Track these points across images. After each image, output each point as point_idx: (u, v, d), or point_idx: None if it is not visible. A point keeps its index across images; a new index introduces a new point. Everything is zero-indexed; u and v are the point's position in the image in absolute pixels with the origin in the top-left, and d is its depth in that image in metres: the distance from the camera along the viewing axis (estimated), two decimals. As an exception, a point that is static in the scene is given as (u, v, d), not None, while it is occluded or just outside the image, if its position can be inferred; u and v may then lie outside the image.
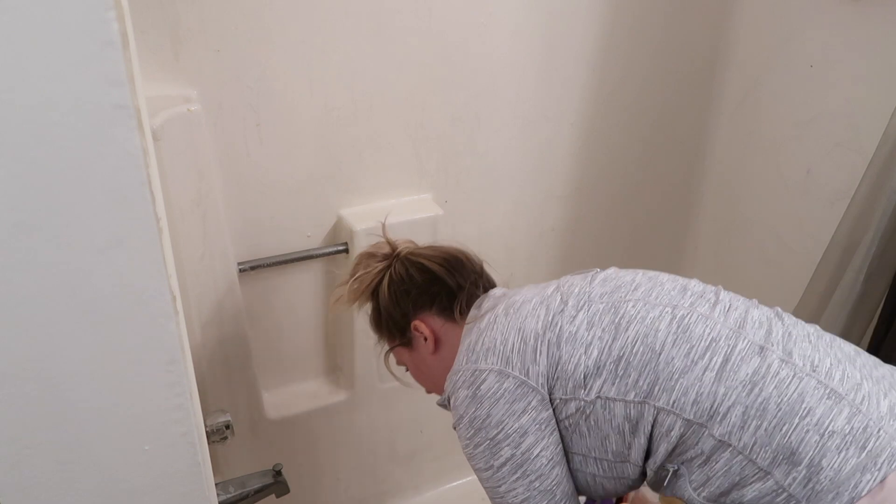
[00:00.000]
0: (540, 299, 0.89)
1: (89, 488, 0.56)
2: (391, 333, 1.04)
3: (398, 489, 1.74)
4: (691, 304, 0.84)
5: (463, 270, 1.02)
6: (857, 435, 0.73)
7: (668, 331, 0.81)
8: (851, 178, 1.29)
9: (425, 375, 1.06)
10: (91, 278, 0.47)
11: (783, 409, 0.75)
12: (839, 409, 0.74)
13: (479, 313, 0.95)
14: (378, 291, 1.02)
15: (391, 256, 1.03)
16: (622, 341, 0.81)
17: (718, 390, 0.77)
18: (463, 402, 0.86)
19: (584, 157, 1.59)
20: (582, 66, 1.47)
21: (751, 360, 0.78)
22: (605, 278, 0.91)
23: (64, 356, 0.50)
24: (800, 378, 0.76)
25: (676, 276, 0.92)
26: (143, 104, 0.55)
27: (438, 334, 1.00)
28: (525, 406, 0.83)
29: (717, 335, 0.80)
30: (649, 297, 0.85)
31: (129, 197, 0.46)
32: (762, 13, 1.53)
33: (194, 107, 1.10)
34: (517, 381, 0.83)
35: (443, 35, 1.29)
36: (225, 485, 1.09)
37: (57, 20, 0.40)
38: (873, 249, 1.21)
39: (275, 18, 1.13)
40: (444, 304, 0.99)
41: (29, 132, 0.42)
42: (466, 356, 0.88)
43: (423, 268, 1.00)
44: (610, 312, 0.84)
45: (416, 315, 1.00)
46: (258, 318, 1.36)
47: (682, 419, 0.78)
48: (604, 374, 0.81)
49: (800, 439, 0.74)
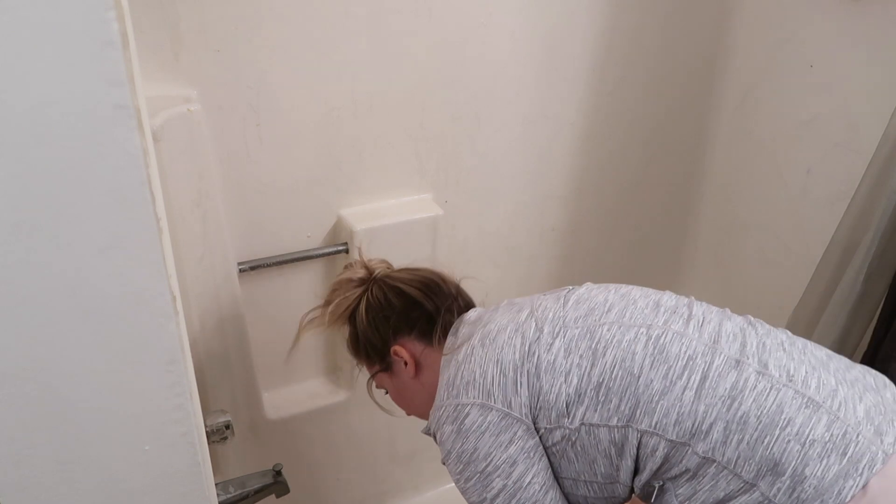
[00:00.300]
0: (515, 326, 0.88)
1: (89, 488, 0.56)
2: (370, 358, 1.04)
3: (398, 489, 1.74)
4: (665, 321, 0.85)
5: (440, 294, 1.01)
6: (836, 442, 0.74)
7: (645, 353, 0.81)
8: (851, 179, 1.29)
9: (406, 399, 1.06)
10: (91, 278, 0.47)
11: (763, 422, 0.76)
12: (818, 417, 0.75)
13: (456, 342, 0.95)
14: (355, 316, 1.02)
15: (367, 280, 1.03)
16: (600, 367, 0.81)
17: (699, 408, 0.77)
18: (449, 437, 0.86)
19: (585, 157, 1.59)
20: (582, 66, 1.47)
21: (728, 375, 0.78)
22: (578, 300, 0.90)
23: (64, 356, 0.50)
24: (777, 389, 0.77)
25: (649, 290, 0.92)
26: (143, 104, 0.55)
27: (418, 359, 1.00)
28: (511, 437, 0.83)
29: (693, 353, 0.80)
30: (623, 318, 0.85)
31: (129, 197, 0.46)
32: (762, 13, 1.53)
33: (194, 107, 1.10)
34: (500, 413, 0.83)
35: (443, 35, 1.29)
36: (225, 485, 1.09)
37: (57, 20, 0.40)
38: (873, 249, 1.21)
39: (275, 19, 1.13)
40: (422, 328, 1.00)
41: (29, 132, 0.42)
42: (447, 391, 0.89)
43: (400, 292, 1.00)
44: (586, 338, 0.84)
45: (395, 340, 1.00)
46: (258, 318, 1.36)
47: (665, 440, 0.78)
48: (585, 402, 0.81)
49: (782, 450, 0.74)
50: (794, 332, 0.90)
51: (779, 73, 1.53)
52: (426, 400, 0.98)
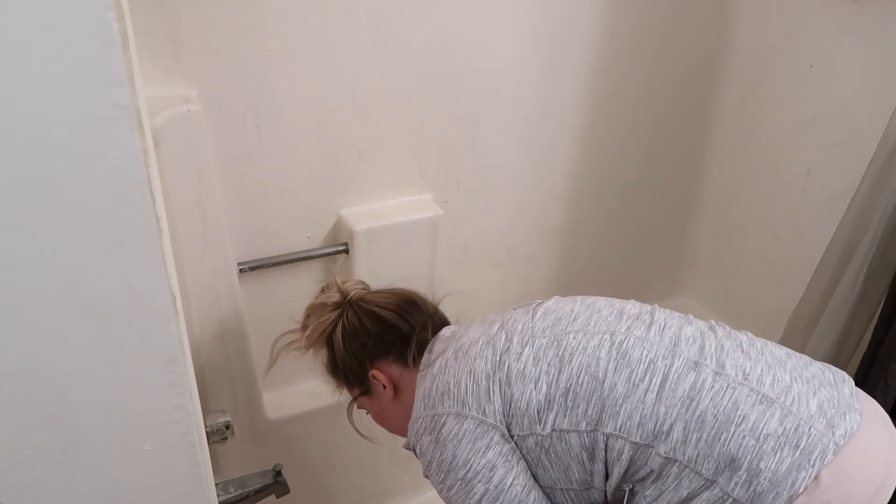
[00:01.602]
0: (486, 339, 0.91)
1: (89, 488, 0.56)
2: (349, 382, 1.06)
3: (398, 489, 1.73)
4: (628, 328, 0.87)
5: (416, 315, 1.03)
6: (789, 435, 0.77)
7: (609, 358, 0.84)
8: (851, 179, 1.29)
9: (387, 420, 1.08)
10: (91, 278, 0.47)
11: (720, 420, 0.78)
12: (771, 412, 0.78)
13: (431, 358, 0.97)
14: (332, 341, 1.04)
15: (342, 304, 1.04)
16: (567, 373, 0.84)
17: (660, 410, 0.80)
18: (428, 447, 0.88)
19: (585, 158, 1.59)
20: (582, 67, 1.47)
21: (687, 377, 0.81)
22: (545, 311, 0.93)
23: (64, 356, 0.49)
24: (733, 388, 0.80)
25: (614, 300, 0.95)
26: (143, 104, 0.55)
27: (396, 381, 1.01)
28: (488, 442, 0.85)
29: (654, 356, 0.83)
30: (588, 325, 0.88)
31: (129, 197, 0.46)
32: (762, 13, 1.53)
33: (194, 107, 1.10)
34: (475, 420, 0.86)
35: (443, 35, 1.29)
36: (225, 485, 1.09)
37: (57, 20, 0.40)
38: (873, 249, 1.21)
39: (275, 19, 1.13)
40: (399, 350, 1.01)
41: (29, 132, 0.42)
42: (423, 403, 0.91)
43: (375, 316, 1.01)
44: (553, 346, 0.87)
45: (372, 364, 1.02)
46: (258, 318, 1.36)
47: (630, 442, 0.81)
48: (555, 408, 0.84)
49: (738, 445, 0.77)
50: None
51: (779, 73, 1.53)
52: (406, 419, 0.98)
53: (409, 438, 0.94)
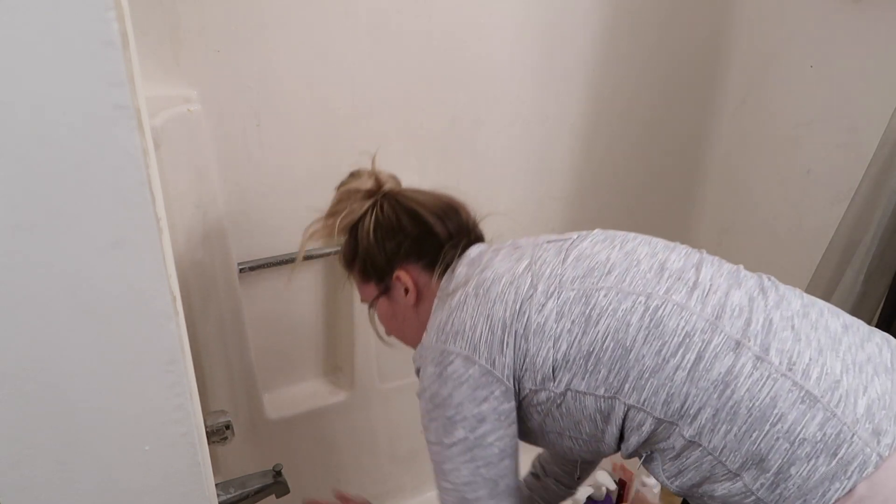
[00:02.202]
0: (510, 278, 0.84)
1: (89, 488, 0.56)
2: (366, 275, 0.98)
3: (398, 489, 1.73)
4: (667, 290, 0.79)
5: (457, 224, 0.95)
6: (828, 442, 0.70)
7: (640, 325, 0.77)
8: (851, 179, 1.29)
9: (397, 325, 1.02)
10: (91, 278, 0.47)
11: (754, 415, 0.72)
12: (812, 413, 0.71)
13: (451, 284, 0.90)
14: (358, 230, 0.95)
15: (376, 194, 0.96)
16: (592, 336, 0.78)
17: (690, 391, 0.74)
18: (429, 377, 0.85)
19: (584, 159, 1.59)
20: (582, 68, 1.47)
21: (724, 358, 0.74)
22: (578, 256, 0.85)
23: (64, 356, 0.49)
24: (774, 379, 0.73)
25: (658, 244, 0.87)
26: (143, 104, 0.55)
27: (421, 288, 0.95)
28: (487, 394, 0.81)
29: (691, 329, 0.76)
30: (622, 282, 0.80)
31: (129, 197, 0.46)
32: (762, 13, 1.53)
33: (194, 107, 1.10)
34: (483, 369, 0.81)
35: (443, 36, 1.29)
36: (225, 485, 1.09)
37: (57, 20, 0.40)
38: (873, 249, 1.21)
39: (275, 19, 1.13)
40: (431, 258, 0.94)
41: (29, 132, 0.42)
42: (437, 335, 0.86)
43: (415, 216, 0.94)
44: (581, 302, 0.79)
45: (400, 264, 0.94)
46: (258, 318, 1.36)
47: (653, 417, 0.76)
48: (573, 369, 0.79)
49: (769, 447, 0.72)
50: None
51: (779, 73, 1.53)
52: (418, 331, 0.94)
53: (415, 357, 0.90)
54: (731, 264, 0.85)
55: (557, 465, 1.16)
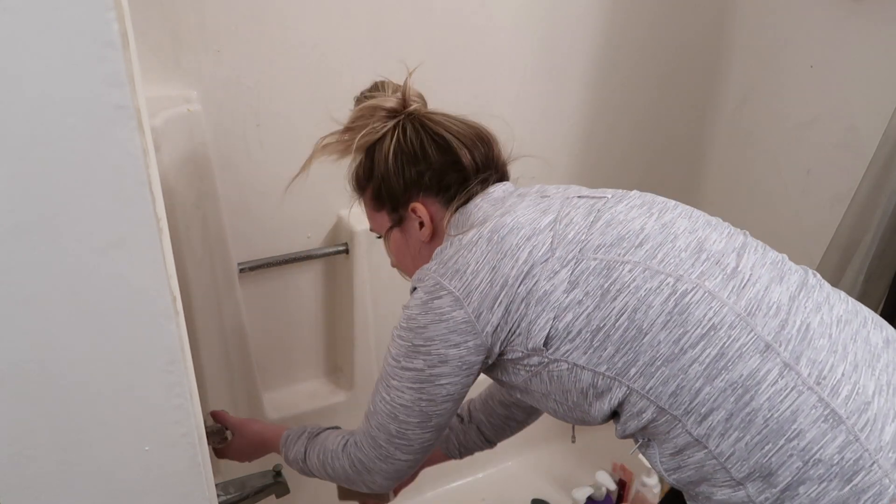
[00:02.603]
0: (529, 232, 0.77)
1: (89, 488, 0.56)
2: (379, 201, 0.91)
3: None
4: (701, 273, 0.72)
5: (487, 158, 0.88)
6: (845, 467, 0.65)
7: (662, 309, 0.70)
8: (851, 179, 1.29)
9: (410, 263, 0.95)
10: (91, 278, 0.47)
11: (770, 427, 0.67)
12: (833, 434, 0.66)
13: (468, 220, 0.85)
14: (375, 152, 0.88)
15: (400, 113, 0.88)
16: (605, 312, 0.72)
17: (703, 388, 0.69)
18: (416, 300, 0.81)
19: (584, 159, 1.59)
20: (582, 67, 1.47)
21: (749, 360, 0.68)
22: (609, 221, 0.77)
23: (64, 356, 0.50)
24: (799, 392, 0.67)
25: (699, 218, 0.80)
26: (144, 105, 0.55)
27: (437, 223, 0.89)
28: (460, 341, 0.78)
29: (718, 322, 0.69)
30: (652, 259, 0.73)
31: (129, 197, 0.46)
32: (762, 13, 1.53)
33: (194, 107, 1.10)
34: (466, 318, 0.77)
35: (443, 35, 1.29)
36: (225, 485, 1.09)
37: (57, 21, 0.40)
38: (873, 249, 1.21)
39: (275, 19, 1.13)
40: (453, 192, 0.87)
41: (29, 132, 0.42)
42: (439, 265, 0.81)
43: (442, 143, 0.86)
44: (601, 275, 0.73)
45: (418, 196, 0.88)
46: (258, 318, 1.36)
47: (656, 406, 0.71)
48: (576, 341, 0.73)
49: (780, 462, 0.67)
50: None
51: (779, 73, 1.53)
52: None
53: (414, 280, 0.85)
54: (775, 252, 0.79)
55: (486, 416, 1.13)
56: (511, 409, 1.12)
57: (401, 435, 0.86)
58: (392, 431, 0.86)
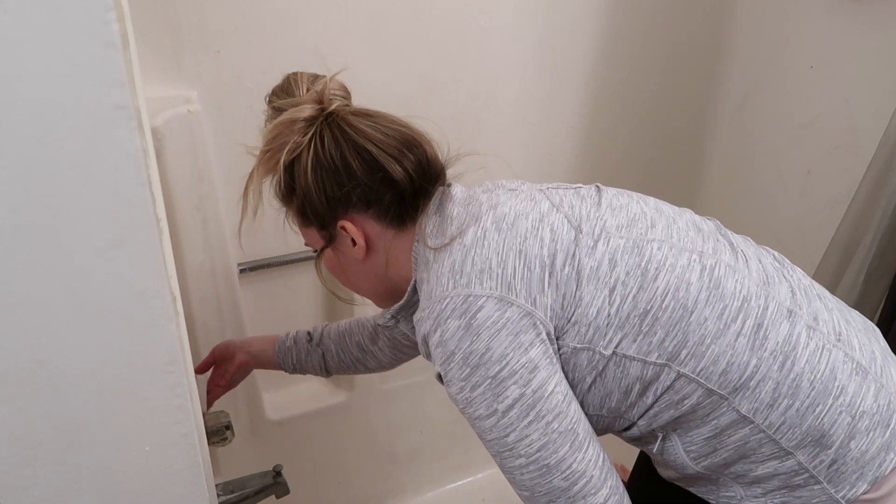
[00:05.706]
0: (538, 216, 0.72)
1: (89, 488, 0.56)
2: (305, 218, 0.81)
3: (399, 490, 1.73)
4: (714, 249, 0.72)
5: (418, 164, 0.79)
6: (883, 413, 0.69)
7: (701, 285, 0.68)
8: (851, 180, 1.29)
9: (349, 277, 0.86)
10: (91, 278, 0.47)
11: (817, 388, 0.67)
12: (867, 385, 0.69)
13: (446, 225, 0.76)
14: (294, 166, 0.77)
15: (317, 119, 0.76)
16: (650, 292, 0.68)
17: (750, 361, 0.67)
18: (454, 335, 0.68)
19: (584, 160, 1.59)
20: (582, 69, 1.47)
21: (780, 326, 0.68)
22: (611, 205, 0.74)
23: (64, 356, 0.50)
24: (829, 350, 0.69)
25: (673, 206, 0.80)
26: (144, 105, 0.55)
27: (371, 240, 0.79)
28: (533, 338, 0.67)
29: (748, 293, 0.69)
30: (671, 237, 0.72)
31: (129, 197, 0.46)
32: (762, 13, 1.53)
33: (194, 108, 1.10)
34: (522, 310, 0.67)
35: (443, 37, 1.29)
36: (225, 485, 1.09)
37: (57, 21, 0.40)
38: (873, 250, 1.21)
39: (275, 19, 1.13)
40: (385, 206, 0.77)
41: (29, 132, 0.42)
42: (453, 279, 0.70)
43: (365, 155, 0.75)
44: (634, 253, 0.69)
45: (346, 214, 0.78)
46: (258, 318, 1.36)
47: (704, 388, 0.68)
48: (626, 328, 0.68)
49: (832, 421, 0.68)
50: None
51: (779, 73, 1.53)
52: (374, 281, 0.82)
53: (424, 322, 0.72)
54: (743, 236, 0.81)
55: (337, 349, 1.08)
56: (367, 355, 1.06)
57: (568, 478, 0.69)
58: (560, 487, 0.69)
